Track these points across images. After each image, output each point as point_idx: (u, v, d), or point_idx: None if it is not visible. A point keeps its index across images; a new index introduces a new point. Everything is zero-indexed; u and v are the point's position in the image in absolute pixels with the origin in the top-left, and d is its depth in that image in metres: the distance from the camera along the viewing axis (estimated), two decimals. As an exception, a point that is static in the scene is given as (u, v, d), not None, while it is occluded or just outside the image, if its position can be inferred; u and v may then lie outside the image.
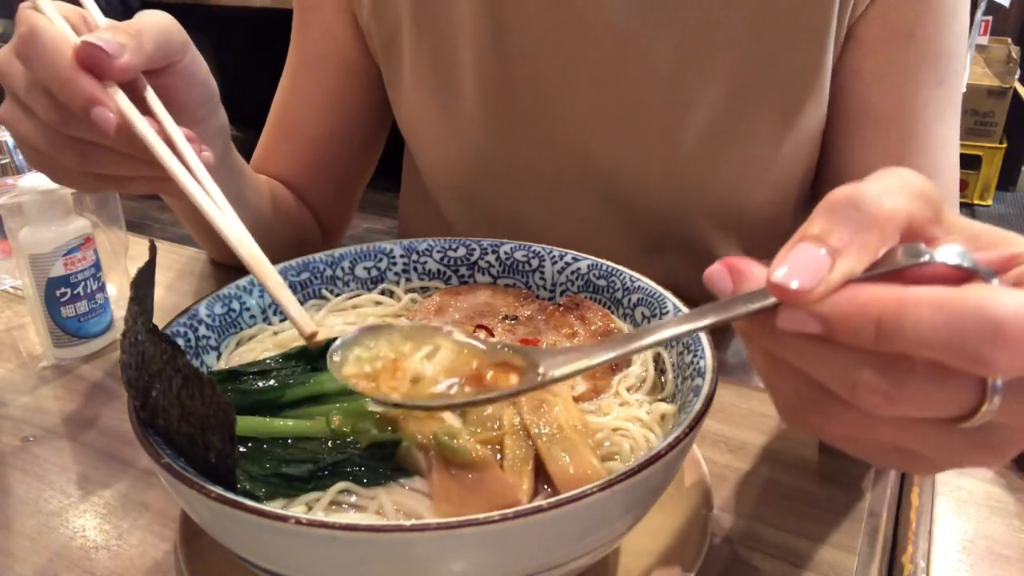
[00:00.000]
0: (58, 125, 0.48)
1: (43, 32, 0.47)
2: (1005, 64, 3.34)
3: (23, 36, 0.47)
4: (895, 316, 0.27)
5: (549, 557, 0.35)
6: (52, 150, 0.49)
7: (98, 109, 0.46)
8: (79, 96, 0.46)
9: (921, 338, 0.26)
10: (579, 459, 0.41)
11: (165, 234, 3.05)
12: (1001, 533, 0.48)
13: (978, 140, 3.27)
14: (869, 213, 0.29)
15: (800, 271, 0.28)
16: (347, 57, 0.79)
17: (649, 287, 0.52)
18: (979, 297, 0.26)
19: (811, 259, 0.28)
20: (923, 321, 0.26)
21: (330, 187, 0.85)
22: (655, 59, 0.67)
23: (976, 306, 0.26)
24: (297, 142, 0.82)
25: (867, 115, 0.68)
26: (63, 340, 0.66)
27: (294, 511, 0.37)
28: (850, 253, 0.28)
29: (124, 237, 0.77)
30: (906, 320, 0.27)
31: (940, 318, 0.26)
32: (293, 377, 0.46)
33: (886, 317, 0.27)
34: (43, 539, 0.49)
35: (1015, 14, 3.62)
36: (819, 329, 0.28)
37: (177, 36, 0.52)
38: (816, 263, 0.28)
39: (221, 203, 0.48)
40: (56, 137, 0.49)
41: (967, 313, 0.26)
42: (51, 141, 0.49)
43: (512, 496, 0.39)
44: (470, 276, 0.60)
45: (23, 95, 0.48)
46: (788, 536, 0.48)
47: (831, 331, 0.28)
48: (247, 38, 3.63)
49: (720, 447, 0.55)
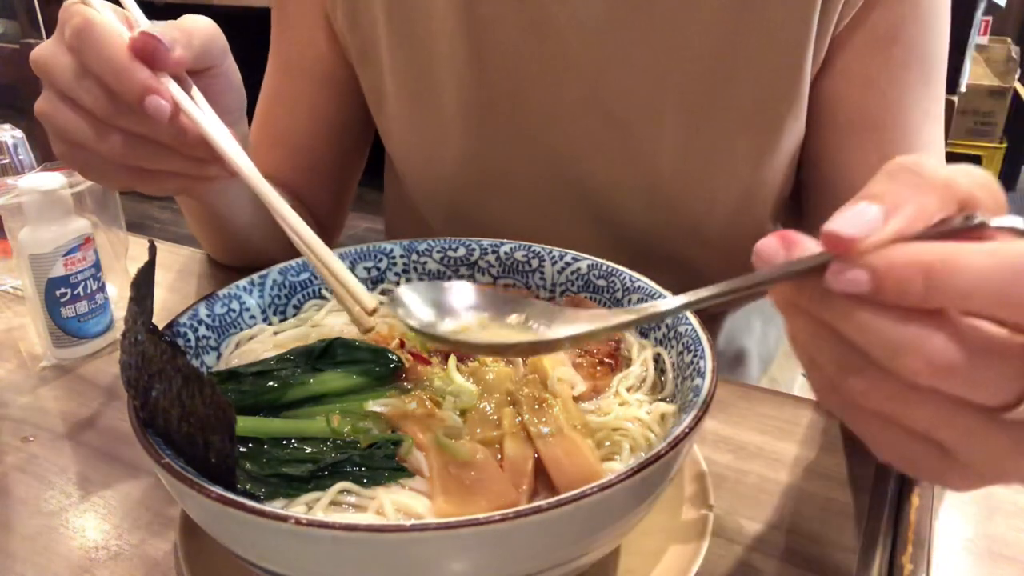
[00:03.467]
0: (107, 116, 0.49)
1: (98, 24, 0.47)
2: (1005, 64, 3.34)
3: (77, 27, 0.47)
4: (946, 265, 0.26)
5: (549, 557, 0.35)
6: (95, 142, 0.50)
7: (152, 98, 0.47)
8: (136, 84, 0.47)
9: (974, 285, 0.26)
10: (579, 459, 0.41)
11: (165, 234, 3.05)
12: (1001, 533, 0.48)
13: (978, 140, 3.27)
14: (927, 177, 0.29)
15: (853, 223, 0.28)
16: (327, 67, 0.78)
17: (649, 287, 0.52)
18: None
19: (866, 214, 0.28)
20: (974, 268, 0.26)
21: (322, 189, 0.85)
22: (630, 74, 0.67)
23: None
24: (284, 148, 0.82)
25: (855, 118, 0.67)
26: (63, 340, 0.66)
27: (294, 511, 0.37)
28: (905, 211, 0.28)
29: (124, 237, 0.77)
30: (957, 268, 0.26)
31: (991, 263, 0.26)
32: (293, 377, 0.46)
33: (936, 267, 0.26)
34: (43, 539, 0.49)
35: (1015, 14, 3.62)
36: (867, 283, 0.27)
37: (220, 40, 0.53)
38: (871, 217, 0.28)
39: (271, 190, 0.49)
40: (101, 128, 0.49)
41: (1020, 259, 0.25)
42: (95, 132, 0.50)
43: (512, 496, 0.39)
44: (470, 276, 0.60)
45: (69, 86, 0.49)
46: (788, 536, 0.48)
47: (879, 287, 0.27)
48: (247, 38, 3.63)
49: (720, 447, 0.55)
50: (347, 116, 0.82)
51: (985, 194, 0.30)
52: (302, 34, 0.78)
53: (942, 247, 0.27)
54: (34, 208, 0.62)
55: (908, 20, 0.65)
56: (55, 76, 0.49)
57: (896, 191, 0.29)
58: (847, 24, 0.65)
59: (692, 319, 0.47)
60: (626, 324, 0.35)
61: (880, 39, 0.65)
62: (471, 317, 0.40)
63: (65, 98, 0.49)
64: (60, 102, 0.50)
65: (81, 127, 0.50)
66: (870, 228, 0.28)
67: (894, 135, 0.67)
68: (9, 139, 0.81)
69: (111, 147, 0.50)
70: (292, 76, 0.80)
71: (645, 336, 0.52)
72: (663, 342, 0.49)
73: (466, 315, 0.40)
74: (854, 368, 0.29)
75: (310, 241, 0.47)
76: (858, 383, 0.29)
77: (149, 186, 0.54)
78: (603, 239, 0.74)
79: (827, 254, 0.29)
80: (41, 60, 0.49)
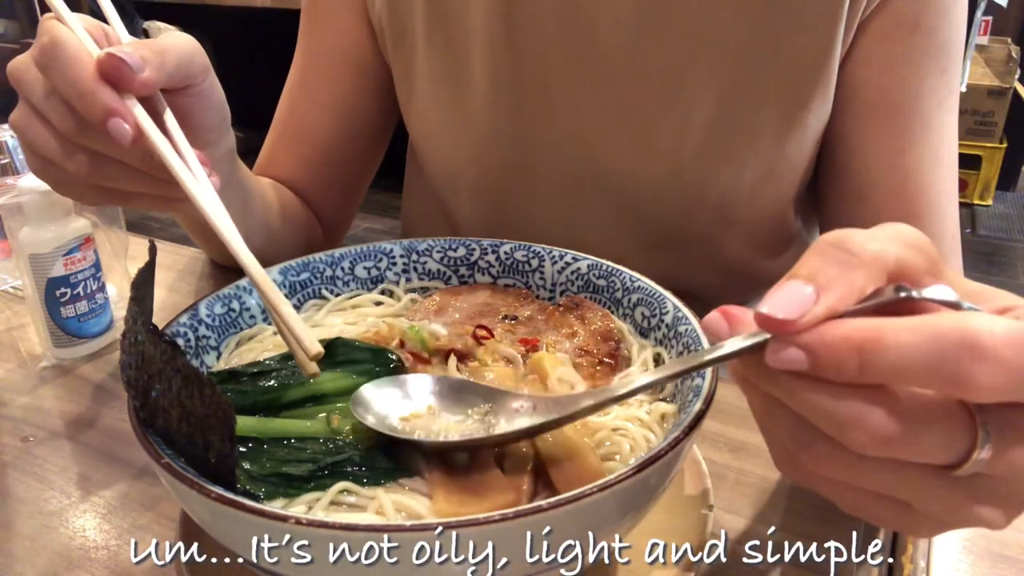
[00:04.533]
0: (72, 135, 0.49)
1: (65, 43, 0.47)
2: (1005, 64, 3.34)
3: (45, 47, 0.47)
4: (876, 342, 0.27)
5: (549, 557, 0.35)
6: (62, 159, 0.50)
7: (115, 120, 0.46)
8: (98, 107, 0.46)
9: (903, 361, 0.27)
10: (579, 459, 0.41)
11: (165, 234, 3.05)
12: (1001, 533, 0.48)
13: (978, 140, 3.26)
14: (854, 252, 0.30)
15: (786, 304, 0.29)
16: (358, 57, 0.79)
17: (649, 287, 0.52)
18: (957, 317, 0.27)
19: (797, 294, 0.29)
20: (903, 344, 0.27)
21: (336, 187, 0.85)
22: (661, 55, 0.68)
23: (953, 325, 0.27)
24: (305, 142, 0.82)
25: (876, 103, 0.68)
26: (63, 340, 0.66)
27: (294, 511, 0.37)
28: (835, 289, 0.29)
29: (124, 237, 0.77)
30: (886, 344, 0.27)
31: (918, 339, 0.27)
32: (293, 377, 0.46)
33: (867, 344, 0.27)
34: (43, 539, 0.49)
35: (1015, 14, 3.61)
36: (805, 361, 0.29)
37: (199, 59, 0.52)
38: (802, 297, 0.29)
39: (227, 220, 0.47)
40: (68, 146, 0.49)
41: (944, 331, 0.27)
42: (63, 150, 0.49)
43: (512, 496, 0.39)
44: (470, 276, 0.60)
45: (39, 102, 0.49)
46: (788, 536, 0.48)
47: (816, 364, 0.28)
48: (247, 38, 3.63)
49: (720, 447, 0.55)
50: (369, 112, 0.82)
51: (915, 256, 0.31)
52: (335, 24, 0.79)
53: (870, 324, 0.28)
54: (34, 208, 0.62)
55: (931, 9, 0.66)
56: (26, 90, 0.49)
57: (825, 270, 0.30)
58: (873, 9, 0.66)
59: (692, 319, 0.47)
60: (583, 412, 0.38)
61: (903, 26, 0.66)
62: (423, 405, 0.44)
63: (37, 112, 0.49)
64: (33, 116, 0.50)
65: (50, 143, 0.49)
66: (802, 308, 0.29)
67: (910, 121, 0.68)
68: (9, 139, 0.81)
69: (77, 166, 0.50)
70: (319, 68, 0.81)
71: (645, 336, 0.52)
72: (663, 342, 0.49)
73: (420, 403, 0.44)
74: (805, 442, 0.31)
75: (259, 281, 0.45)
76: (811, 457, 0.31)
77: (121, 203, 0.54)
78: (624, 221, 0.75)
79: (765, 332, 0.30)
80: (16, 73, 0.49)
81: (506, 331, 0.53)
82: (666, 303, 0.50)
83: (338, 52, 0.79)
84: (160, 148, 0.48)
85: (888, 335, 0.27)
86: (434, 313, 0.55)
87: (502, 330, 0.53)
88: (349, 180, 0.87)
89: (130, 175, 0.51)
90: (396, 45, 0.77)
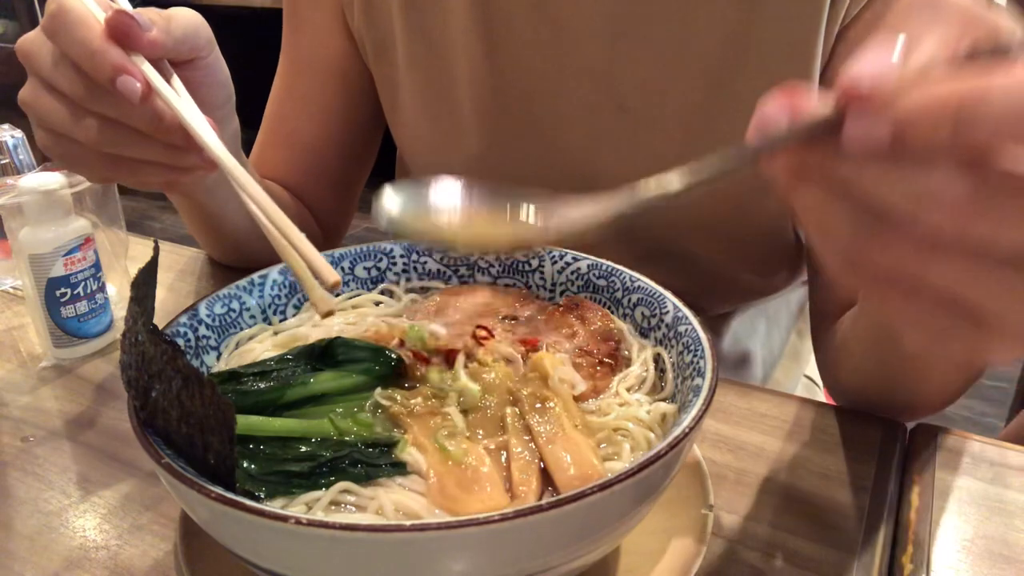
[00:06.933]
0: (82, 99, 0.49)
1: (72, 8, 0.48)
2: (1005, 64, 3.34)
3: (52, 12, 0.48)
4: (977, 98, 0.24)
5: (549, 557, 0.35)
6: (71, 127, 0.50)
7: (124, 77, 0.47)
8: (107, 66, 0.47)
9: (1009, 111, 0.23)
10: (579, 459, 0.41)
11: (165, 234, 3.05)
12: (1001, 533, 0.48)
13: (978, 140, 3.26)
14: (943, 9, 0.28)
15: (875, 64, 0.26)
16: (341, 64, 0.78)
17: (649, 287, 0.52)
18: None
19: (886, 51, 0.26)
20: (1011, 95, 0.23)
21: (328, 190, 0.85)
22: (641, 68, 0.67)
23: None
24: (293, 148, 0.82)
25: None
26: (63, 340, 0.66)
27: (294, 511, 0.37)
28: (927, 41, 0.26)
29: (124, 237, 0.77)
30: (991, 98, 0.24)
31: None
32: (293, 377, 0.46)
33: (967, 101, 0.24)
34: (43, 539, 0.49)
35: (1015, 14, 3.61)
36: (888, 135, 0.25)
37: (204, 31, 0.53)
38: (891, 55, 0.26)
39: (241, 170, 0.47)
40: (77, 112, 0.50)
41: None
42: (72, 116, 0.50)
43: (511, 496, 0.39)
44: (470, 276, 0.60)
45: (48, 72, 0.49)
46: (788, 536, 0.48)
47: (904, 134, 0.25)
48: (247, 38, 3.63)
49: (720, 447, 0.55)
50: (357, 116, 0.82)
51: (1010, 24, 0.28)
52: (315, 32, 0.78)
53: (971, 81, 0.24)
54: (34, 208, 0.62)
55: (912, 14, 0.64)
56: (36, 63, 0.50)
57: (913, 23, 0.27)
58: (856, 21, 0.65)
59: (692, 319, 0.47)
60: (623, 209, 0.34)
61: (883, 31, 0.65)
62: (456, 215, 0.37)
63: (46, 85, 0.50)
64: (41, 89, 0.50)
65: (60, 111, 0.50)
66: (893, 68, 0.25)
67: None
68: (9, 139, 0.81)
69: (87, 132, 0.50)
70: (304, 75, 0.80)
71: (645, 336, 0.52)
72: (663, 342, 0.50)
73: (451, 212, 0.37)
74: (871, 230, 0.27)
75: (270, 211, 0.44)
76: (876, 245, 0.27)
77: (129, 177, 0.54)
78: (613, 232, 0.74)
79: (840, 110, 0.27)
80: (24, 49, 0.50)
81: (506, 331, 0.53)
82: (666, 303, 0.50)
83: (321, 60, 0.79)
84: (175, 104, 0.48)
85: (993, 89, 0.24)
86: (434, 313, 0.55)
87: (502, 330, 0.53)
88: (342, 183, 0.86)
89: (140, 140, 0.51)
90: (377, 58, 0.76)
